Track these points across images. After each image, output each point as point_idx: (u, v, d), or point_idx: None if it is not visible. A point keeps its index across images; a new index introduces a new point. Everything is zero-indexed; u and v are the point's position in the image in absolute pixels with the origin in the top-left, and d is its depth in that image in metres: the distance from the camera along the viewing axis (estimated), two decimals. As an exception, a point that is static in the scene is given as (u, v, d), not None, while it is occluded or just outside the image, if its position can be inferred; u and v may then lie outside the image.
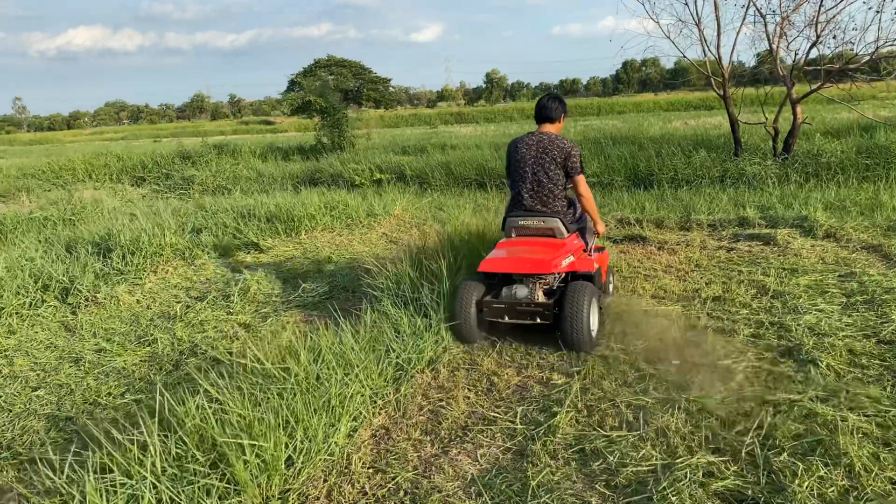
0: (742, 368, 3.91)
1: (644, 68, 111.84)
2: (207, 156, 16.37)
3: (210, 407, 2.97)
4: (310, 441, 3.07)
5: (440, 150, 15.42)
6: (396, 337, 4.31)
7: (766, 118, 10.92)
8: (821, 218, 7.31)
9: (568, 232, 4.72)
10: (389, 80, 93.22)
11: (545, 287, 4.62)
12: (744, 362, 4.00)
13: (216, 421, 2.90)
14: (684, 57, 10.98)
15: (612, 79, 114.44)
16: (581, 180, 4.72)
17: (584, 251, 4.96)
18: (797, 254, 6.49)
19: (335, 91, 16.71)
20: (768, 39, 10.53)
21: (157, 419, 2.88)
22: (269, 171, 14.32)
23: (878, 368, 3.82)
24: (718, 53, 10.63)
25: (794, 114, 10.42)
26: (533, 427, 3.46)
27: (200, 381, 3.27)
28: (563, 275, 4.71)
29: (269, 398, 3.18)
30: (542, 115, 4.80)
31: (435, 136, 25.27)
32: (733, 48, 10.40)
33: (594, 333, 4.40)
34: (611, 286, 5.57)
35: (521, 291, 4.51)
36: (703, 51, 10.87)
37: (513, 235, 4.83)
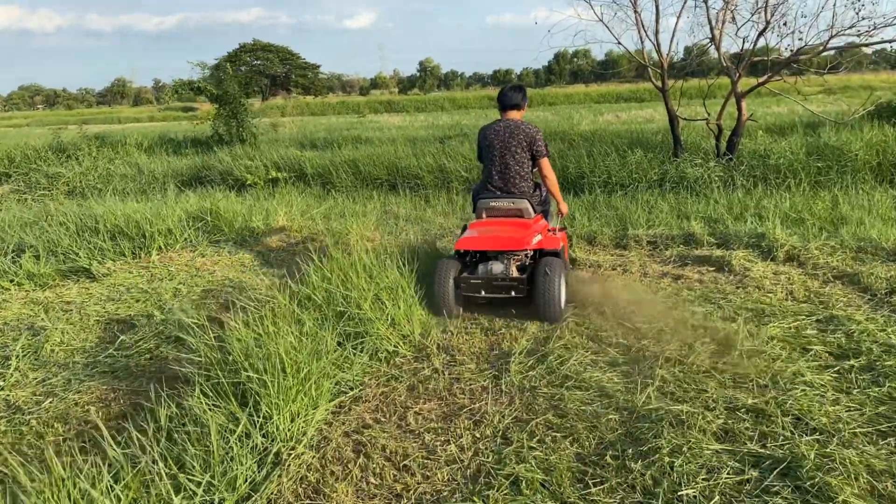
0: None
1: (575, 59, 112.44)
2: (85, 148, 14.26)
3: None
4: None
5: (352, 145, 13.81)
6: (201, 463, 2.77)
7: (709, 114, 9.77)
8: (780, 236, 6.12)
9: (534, 213, 5.14)
10: (318, 66, 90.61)
11: (518, 263, 4.95)
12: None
13: None
14: (618, 44, 9.70)
15: (545, 70, 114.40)
16: (546, 163, 5.17)
17: (549, 231, 5.32)
18: (759, 285, 5.25)
19: (234, 77, 14.79)
20: (710, 25, 9.36)
21: None
22: (153, 167, 12.41)
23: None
24: (657, 40, 9.40)
25: (739, 109, 9.29)
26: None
27: None
28: (532, 252, 5.02)
29: None
30: (509, 104, 5.16)
31: (359, 125, 23.61)
32: (673, 35, 9.24)
33: (563, 304, 4.78)
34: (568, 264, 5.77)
35: (496, 267, 4.86)
36: (640, 37, 9.62)
37: (483, 216, 5.20)
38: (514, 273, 4.86)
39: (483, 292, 4.80)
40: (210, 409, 3.06)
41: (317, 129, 20.46)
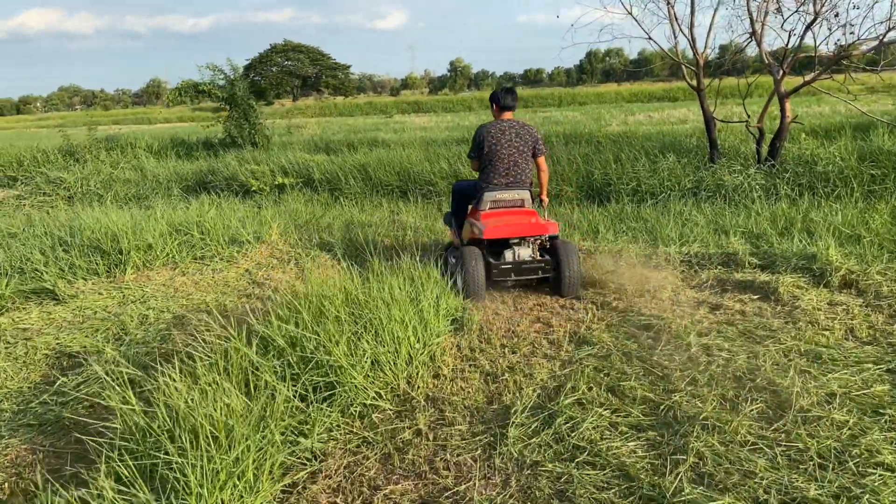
0: None
1: (608, 58, 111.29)
2: (93, 151, 13.80)
3: None
4: None
5: (368, 148, 13.15)
6: None
7: (748, 115, 8.91)
8: (834, 257, 5.29)
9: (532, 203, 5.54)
10: (349, 66, 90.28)
11: (539, 247, 5.41)
12: None
13: None
14: (648, 39, 8.87)
15: (576, 69, 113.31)
16: (544, 159, 5.64)
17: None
18: (812, 319, 4.44)
19: (242, 79, 14.20)
20: (751, 19, 8.49)
21: None
22: (158, 171, 11.87)
23: None
24: (692, 35, 8.56)
25: (783, 111, 8.42)
26: None
27: None
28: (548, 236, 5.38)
29: None
30: (512, 106, 5.49)
31: (384, 126, 23.00)
32: (710, 29, 8.37)
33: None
34: None
35: (524, 252, 5.31)
36: (673, 32, 8.79)
37: (486, 208, 5.43)
38: (538, 256, 5.33)
39: (513, 276, 5.22)
40: (118, 499, 2.39)
41: (338, 131, 19.90)
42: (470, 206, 5.79)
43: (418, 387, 3.75)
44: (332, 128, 22.84)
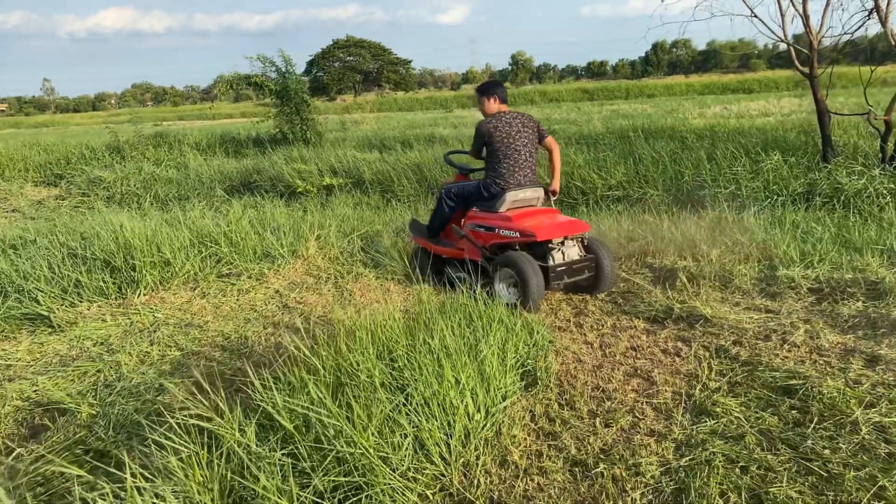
0: None
1: (674, 50, 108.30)
2: (139, 147, 13.21)
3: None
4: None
5: (425, 144, 12.14)
6: None
7: (870, 107, 7.52)
8: None
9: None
10: (410, 61, 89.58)
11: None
12: None
13: None
14: (752, 17, 7.55)
15: (642, 61, 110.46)
16: (552, 138, 5.28)
17: None
18: None
19: (293, 73, 13.36)
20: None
21: None
22: (201, 170, 11.12)
23: None
24: (805, 12, 7.22)
25: (914, 101, 7.03)
26: None
27: None
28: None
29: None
30: (506, 97, 5.22)
31: (443, 121, 22.00)
32: (827, 5, 7.00)
33: None
34: None
35: (573, 251, 4.92)
36: (780, 8, 7.47)
37: (505, 209, 5.04)
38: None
39: (566, 278, 4.79)
40: None
41: (395, 126, 18.98)
42: (474, 209, 5.32)
43: (478, 482, 2.70)
44: (391, 123, 21.97)
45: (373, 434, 2.53)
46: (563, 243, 4.92)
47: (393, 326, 3.31)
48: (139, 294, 5.15)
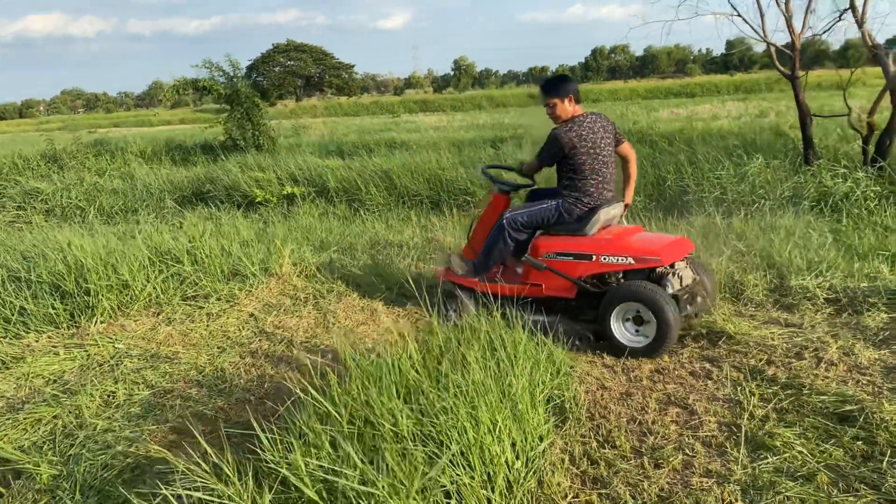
0: None
1: (613, 55, 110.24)
2: (79, 157, 12.36)
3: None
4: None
5: (386, 150, 11.68)
6: None
7: (850, 108, 7.42)
8: None
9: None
10: (353, 66, 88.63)
11: None
12: None
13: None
14: (735, 16, 7.37)
15: (581, 66, 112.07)
16: (628, 143, 4.57)
17: None
18: None
19: (242, 77, 12.74)
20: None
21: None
22: (149, 180, 10.39)
23: None
24: (787, 10, 7.07)
25: (895, 103, 6.95)
26: None
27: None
28: None
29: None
30: (580, 95, 4.33)
31: (393, 126, 21.51)
32: (809, 4, 6.87)
33: None
34: None
35: (688, 274, 4.16)
36: (759, 7, 7.31)
37: (595, 230, 4.19)
38: None
39: (689, 307, 4.03)
40: None
41: (347, 132, 18.43)
42: (544, 236, 4.38)
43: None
44: (340, 128, 21.37)
45: (414, 499, 2.10)
46: (672, 266, 4.15)
47: (407, 361, 2.87)
48: (95, 322, 4.56)
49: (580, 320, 4.22)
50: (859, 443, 2.84)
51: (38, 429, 3.33)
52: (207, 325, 4.63)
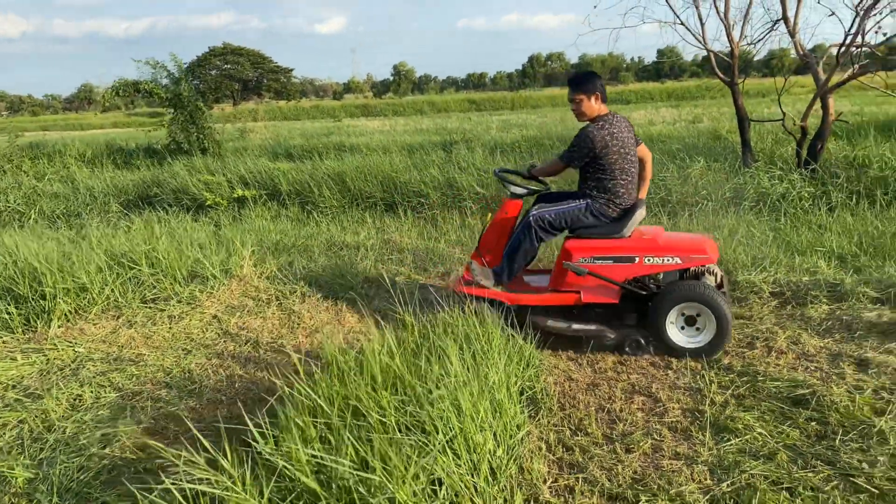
0: None
1: (549, 63, 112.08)
2: (15, 160, 11.92)
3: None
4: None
5: (335, 154, 11.66)
6: None
7: (784, 113, 7.82)
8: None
9: None
10: (291, 70, 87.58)
11: None
12: None
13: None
14: (677, 24, 7.68)
15: (518, 73, 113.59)
16: (644, 145, 4.44)
17: None
18: None
19: (185, 79, 12.48)
20: (783, 4, 7.42)
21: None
22: (92, 184, 10.12)
23: None
24: (726, 19, 7.41)
25: (825, 108, 7.36)
26: None
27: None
28: None
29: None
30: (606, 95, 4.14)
31: (336, 130, 21.40)
32: (746, 13, 7.26)
33: None
34: None
35: (712, 279, 4.15)
36: (699, 16, 7.66)
37: (629, 232, 4.07)
38: None
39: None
40: None
41: (291, 135, 18.28)
42: (574, 239, 4.15)
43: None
44: (282, 132, 21.14)
45: (410, 484, 2.17)
46: (705, 270, 4.13)
47: (385, 354, 2.93)
48: (53, 326, 4.46)
49: (625, 326, 4.11)
50: (813, 423, 3.04)
51: (4, 434, 3.26)
52: (170, 328, 4.58)
